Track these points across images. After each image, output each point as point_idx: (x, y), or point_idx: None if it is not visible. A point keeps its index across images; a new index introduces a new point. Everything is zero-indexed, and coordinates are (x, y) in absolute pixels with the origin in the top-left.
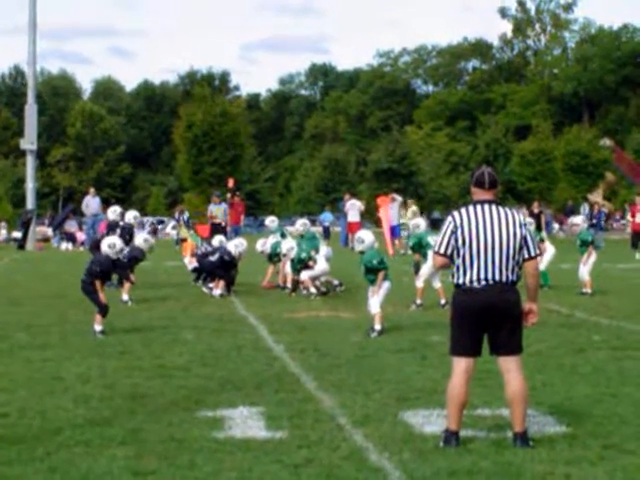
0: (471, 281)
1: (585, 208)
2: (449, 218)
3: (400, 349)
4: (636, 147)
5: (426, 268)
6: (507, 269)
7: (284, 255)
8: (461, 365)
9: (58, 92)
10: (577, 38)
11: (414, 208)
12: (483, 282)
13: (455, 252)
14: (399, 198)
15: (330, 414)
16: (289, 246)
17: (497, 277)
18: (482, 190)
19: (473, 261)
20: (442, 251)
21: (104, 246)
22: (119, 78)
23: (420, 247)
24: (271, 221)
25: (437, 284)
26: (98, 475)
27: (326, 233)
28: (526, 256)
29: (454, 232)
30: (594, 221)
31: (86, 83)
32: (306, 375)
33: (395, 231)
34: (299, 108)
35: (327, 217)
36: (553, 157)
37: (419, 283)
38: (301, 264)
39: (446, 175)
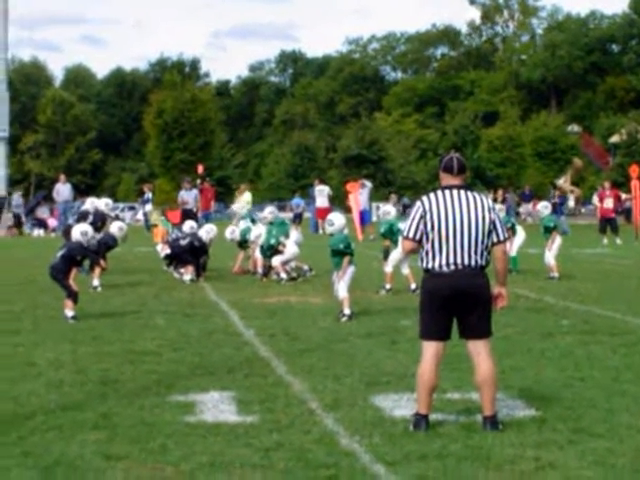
0: (440, 265)
1: (554, 195)
2: (418, 203)
3: (370, 333)
4: (604, 133)
5: (396, 254)
6: (476, 253)
7: (252, 242)
8: (431, 349)
9: (29, 80)
10: (545, 25)
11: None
12: (452, 266)
13: (424, 237)
14: (369, 184)
15: (301, 398)
16: (257, 233)
17: (466, 261)
18: (451, 176)
19: (442, 246)
20: (411, 236)
21: (76, 233)
22: (90, 65)
23: (391, 234)
24: (240, 207)
25: (406, 270)
26: (70, 459)
27: (298, 218)
28: (495, 240)
29: (423, 217)
30: (557, 200)
31: (57, 71)
32: (277, 360)
33: (365, 217)
34: (269, 95)
35: (298, 202)
36: (521, 143)
37: (388, 268)
38: (270, 250)
39: (415, 161)
